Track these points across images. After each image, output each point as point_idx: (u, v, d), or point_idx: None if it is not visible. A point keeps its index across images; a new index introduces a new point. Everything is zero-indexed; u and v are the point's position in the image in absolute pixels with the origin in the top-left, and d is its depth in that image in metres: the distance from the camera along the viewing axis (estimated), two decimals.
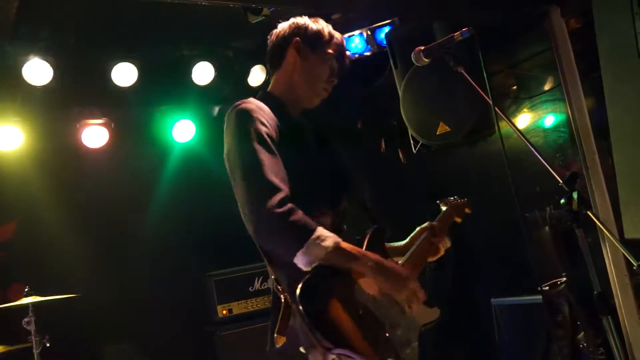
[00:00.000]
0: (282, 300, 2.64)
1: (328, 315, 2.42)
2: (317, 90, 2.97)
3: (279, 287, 2.65)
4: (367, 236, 2.82)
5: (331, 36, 3.00)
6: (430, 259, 3.21)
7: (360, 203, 3.05)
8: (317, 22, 3.02)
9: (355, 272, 2.56)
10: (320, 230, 2.49)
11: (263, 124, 2.67)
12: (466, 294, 6.71)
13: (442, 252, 3.23)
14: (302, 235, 2.47)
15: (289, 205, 2.50)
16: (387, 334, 2.53)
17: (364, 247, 2.74)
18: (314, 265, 2.48)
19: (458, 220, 3.51)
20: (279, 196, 2.49)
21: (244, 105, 2.74)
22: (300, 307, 2.39)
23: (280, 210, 2.47)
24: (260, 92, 2.98)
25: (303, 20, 3.02)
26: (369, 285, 2.58)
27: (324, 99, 3.03)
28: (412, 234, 3.24)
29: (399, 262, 2.89)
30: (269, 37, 3.06)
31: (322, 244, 2.46)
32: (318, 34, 2.98)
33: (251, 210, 2.53)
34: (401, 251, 3.11)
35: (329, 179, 2.84)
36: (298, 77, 2.95)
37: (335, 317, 2.43)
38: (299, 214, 2.50)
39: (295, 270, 2.52)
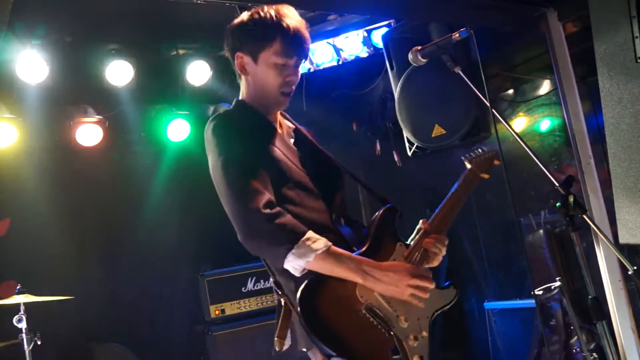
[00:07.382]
0: (283, 303, 2.62)
1: (328, 321, 2.39)
2: (274, 98, 2.80)
3: (278, 291, 2.63)
4: (379, 214, 2.74)
5: (273, 31, 2.69)
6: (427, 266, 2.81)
7: (365, 188, 3.00)
8: (255, 18, 2.74)
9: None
10: (311, 233, 2.45)
11: (238, 132, 2.67)
12: (460, 297, 6.70)
13: (438, 256, 2.83)
14: (292, 237, 2.41)
15: (277, 208, 2.46)
16: (391, 332, 2.47)
17: (376, 225, 2.69)
18: (305, 270, 2.45)
19: (485, 176, 3.09)
20: (264, 199, 2.45)
21: (218, 118, 2.73)
22: (300, 314, 2.37)
23: (267, 211, 2.42)
24: (234, 101, 2.91)
25: (239, 21, 2.80)
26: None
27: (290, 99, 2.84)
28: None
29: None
30: None
31: (313, 246, 2.41)
32: (256, 38, 2.73)
33: (238, 217, 2.49)
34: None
35: (313, 176, 2.75)
36: (253, 89, 2.85)
37: (336, 322, 2.40)
38: (288, 217, 2.46)
39: (294, 276, 2.50)
